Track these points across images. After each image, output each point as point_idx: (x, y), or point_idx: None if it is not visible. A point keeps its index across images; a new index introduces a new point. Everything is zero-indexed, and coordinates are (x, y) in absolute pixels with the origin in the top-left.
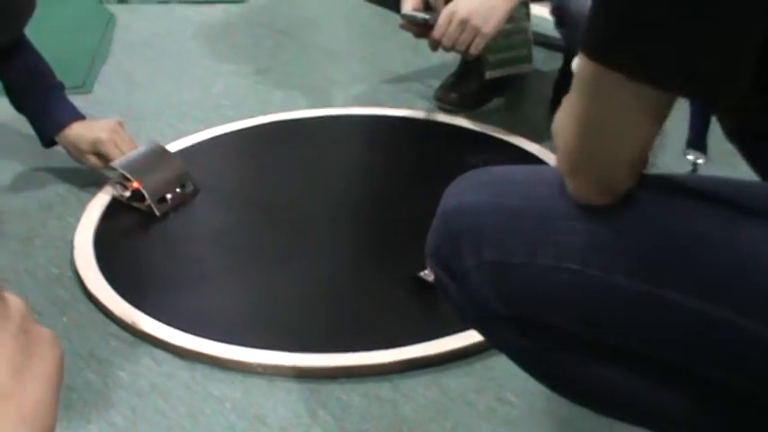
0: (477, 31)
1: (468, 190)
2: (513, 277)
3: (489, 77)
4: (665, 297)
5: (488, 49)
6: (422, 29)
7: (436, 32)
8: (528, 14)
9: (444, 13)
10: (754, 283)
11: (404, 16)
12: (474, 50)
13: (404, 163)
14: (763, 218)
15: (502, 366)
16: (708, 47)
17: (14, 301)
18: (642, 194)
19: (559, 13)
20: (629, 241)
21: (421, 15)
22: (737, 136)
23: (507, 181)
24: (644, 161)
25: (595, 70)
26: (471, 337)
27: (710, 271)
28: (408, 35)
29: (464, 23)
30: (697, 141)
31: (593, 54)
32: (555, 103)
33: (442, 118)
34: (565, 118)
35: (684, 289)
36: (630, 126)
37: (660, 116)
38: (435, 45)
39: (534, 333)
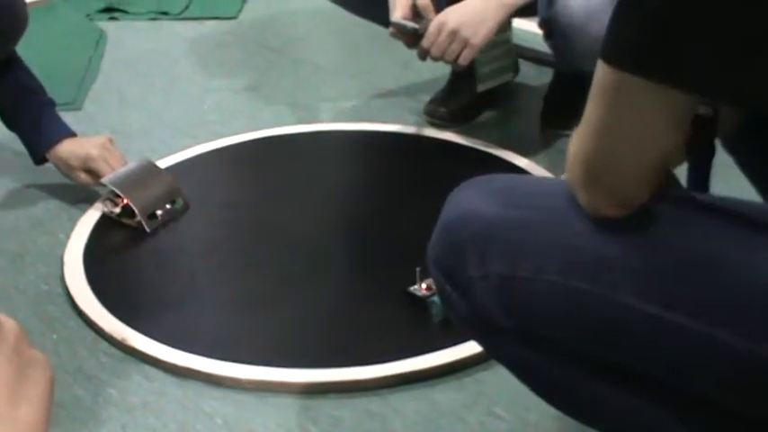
0: (466, 42)
1: (472, 199)
2: (518, 291)
3: (481, 90)
4: (674, 320)
5: (479, 62)
6: (411, 38)
7: (425, 42)
8: (510, 23)
9: (434, 23)
10: (764, 309)
11: (393, 24)
12: (463, 61)
13: (393, 178)
14: None
15: (492, 381)
16: (743, 50)
17: (9, 324)
18: (657, 211)
19: (548, 26)
20: (641, 261)
21: (411, 24)
22: (740, 147)
23: (514, 191)
24: (662, 175)
25: (617, 77)
26: (461, 351)
27: (720, 295)
28: (398, 51)
29: (454, 34)
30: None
31: (619, 61)
32: (545, 118)
33: (432, 133)
34: (581, 127)
35: (694, 313)
36: (652, 133)
37: (683, 123)
38: (424, 54)
39: (536, 347)
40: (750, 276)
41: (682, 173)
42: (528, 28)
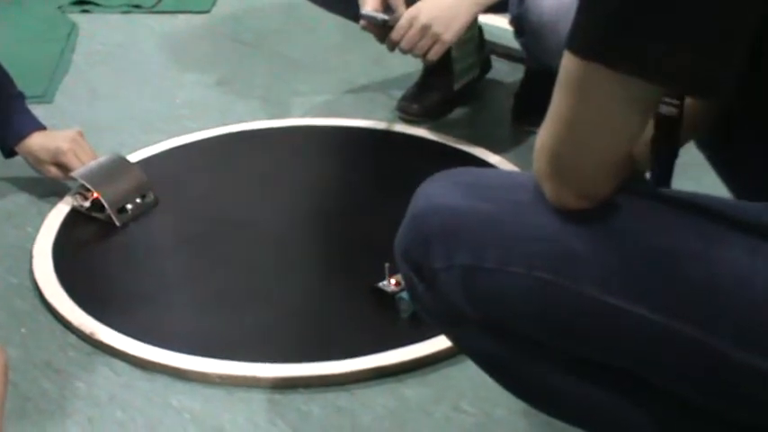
0: (437, 38)
1: (441, 191)
2: (483, 282)
3: (457, 88)
4: (633, 312)
5: (455, 59)
6: (381, 30)
7: (395, 34)
8: (476, 19)
9: (406, 15)
10: (721, 302)
11: (363, 16)
12: (432, 57)
13: (365, 174)
14: (746, 233)
15: (459, 376)
16: (701, 42)
17: None
18: (620, 204)
19: (518, 24)
20: (603, 253)
21: (381, 16)
22: (711, 144)
23: (482, 184)
24: (627, 169)
25: (583, 67)
26: (429, 347)
27: (680, 288)
28: (371, 47)
29: (425, 29)
30: (661, 181)
31: (585, 52)
32: (516, 114)
33: (404, 129)
34: (547, 120)
35: (653, 305)
36: (617, 123)
37: (648, 113)
38: (393, 46)
39: (501, 338)
40: (707, 270)
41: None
42: (500, 24)
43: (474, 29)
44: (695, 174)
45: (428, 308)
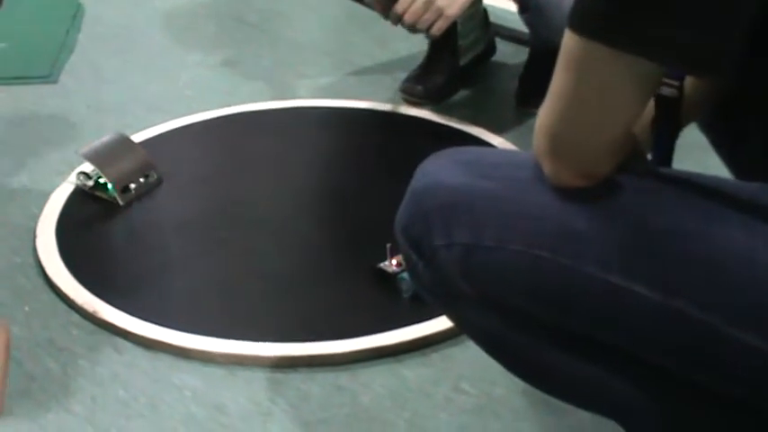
0: (440, 12)
1: (442, 169)
2: (482, 260)
3: (464, 63)
4: (632, 290)
5: (461, 35)
6: (385, 3)
7: (399, 7)
8: None
9: None
10: (720, 280)
11: None
12: (436, 32)
13: (368, 155)
14: (744, 212)
15: (459, 357)
16: (702, 20)
17: None
18: (621, 183)
19: (522, 0)
20: (602, 232)
21: None
22: (712, 125)
23: (482, 162)
24: (627, 148)
25: (584, 46)
26: (430, 327)
27: (679, 266)
28: (375, 29)
29: (429, 3)
30: (661, 161)
31: (586, 30)
32: (520, 97)
33: (408, 110)
34: (548, 98)
35: (652, 283)
36: (619, 101)
37: (649, 91)
38: (397, 19)
39: (500, 316)
40: (706, 248)
41: None
42: (504, 6)
43: (479, 4)
44: (697, 156)
45: (427, 285)
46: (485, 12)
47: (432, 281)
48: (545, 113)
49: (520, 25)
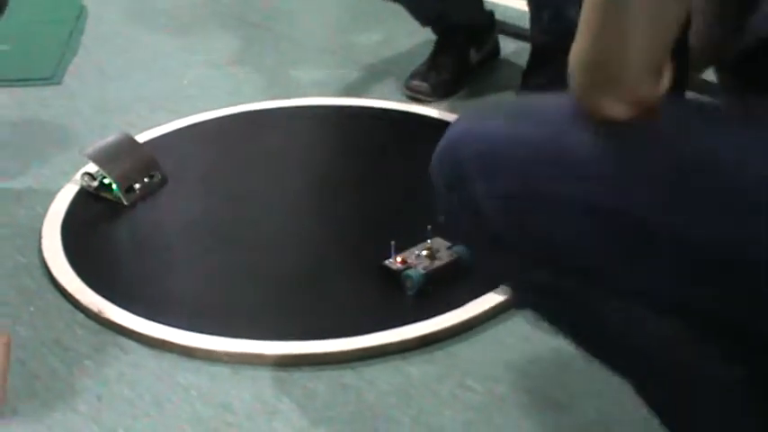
0: None
1: (478, 114)
2: (523, 207)
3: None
4: (681, 235)
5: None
6: None
7: None
8: None
9: None
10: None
11: None
12: None
13: (372, 152)
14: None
15: (463, 354)
16: None
17: None
18: (663, 117)
19: None
20: (650, 176)
21: None
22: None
23: (519, 108)
24: (666, 64)
25: None
26: (434, 324)
27: (720, 199)
28: (379, 27)
29: None
30: None
31: None
32: (523, 93)
33: (412, 108)
34: (579, 35)
35: (692, 219)
36: (655, 11)
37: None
38: None
39: (539, 264)
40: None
41: None
42: (508, 3)
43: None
44: None
45: (464, 231)
46: (491, 13)
47: (469, 227)
48: (579, 47)
49: (524, 23)
